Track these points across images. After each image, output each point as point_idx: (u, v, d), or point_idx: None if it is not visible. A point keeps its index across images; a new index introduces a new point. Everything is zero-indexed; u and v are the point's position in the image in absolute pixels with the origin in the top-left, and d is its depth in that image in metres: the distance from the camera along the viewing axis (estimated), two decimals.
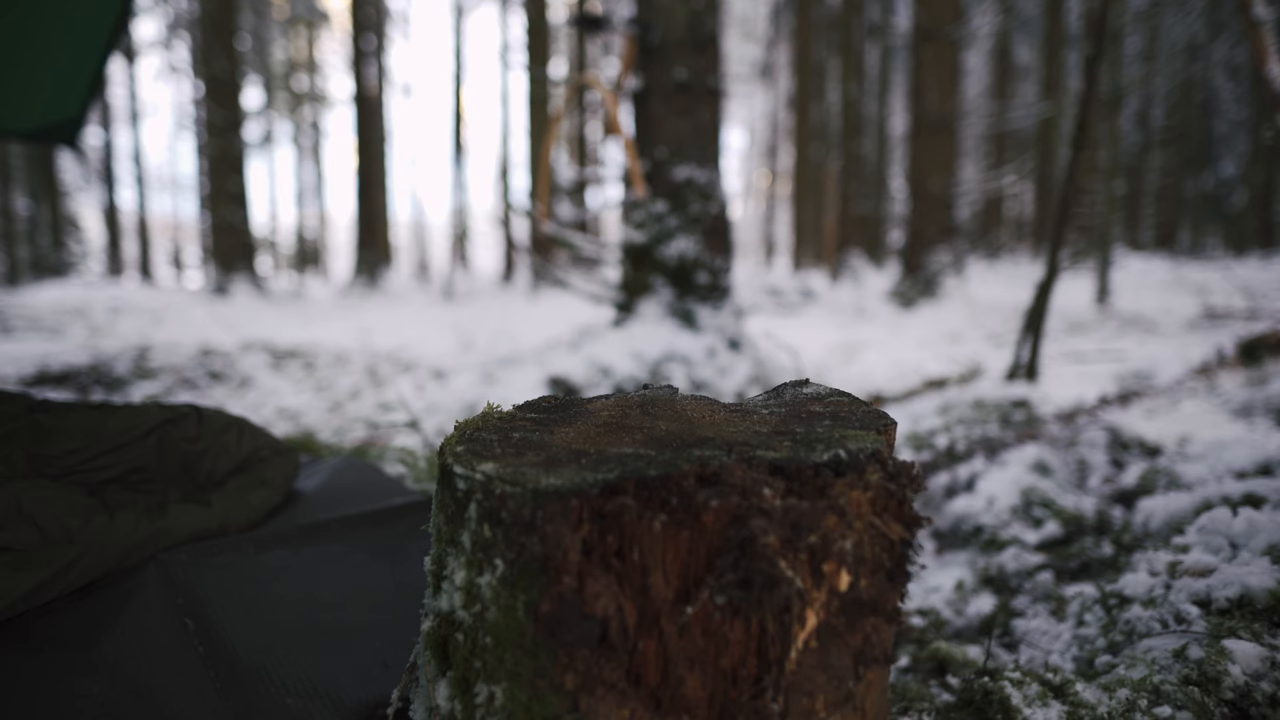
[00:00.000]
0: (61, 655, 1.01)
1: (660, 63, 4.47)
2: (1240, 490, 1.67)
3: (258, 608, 1.11)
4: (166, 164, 23.46)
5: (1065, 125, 14.42)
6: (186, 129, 18.64)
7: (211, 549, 1.19)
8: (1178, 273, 10.73)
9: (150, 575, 1.11)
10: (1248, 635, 1.10)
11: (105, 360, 4.68)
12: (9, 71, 2.12)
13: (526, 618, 0.58)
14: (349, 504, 1.41)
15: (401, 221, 20.71)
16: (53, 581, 1.06)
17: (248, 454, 1.38)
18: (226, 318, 7.17)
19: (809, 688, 0.60)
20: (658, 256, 4.38)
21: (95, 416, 1.25)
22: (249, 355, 5.00)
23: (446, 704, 0.65)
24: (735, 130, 27.87)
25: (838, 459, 0.60)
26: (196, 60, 13.10)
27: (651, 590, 0.57)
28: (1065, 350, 4.77)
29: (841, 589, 0.60)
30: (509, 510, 0.58)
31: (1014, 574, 1.71)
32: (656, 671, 0.58)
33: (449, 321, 7.06)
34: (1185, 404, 3.11)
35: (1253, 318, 5.92)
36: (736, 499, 0.56)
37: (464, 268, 18.61)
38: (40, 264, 13.66)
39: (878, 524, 0.61)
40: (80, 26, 2.07)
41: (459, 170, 18.87)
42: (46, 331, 6.08)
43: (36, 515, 1.08)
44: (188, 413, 1.34)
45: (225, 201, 11.44)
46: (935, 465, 2.51)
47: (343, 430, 3.01)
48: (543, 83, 14.95)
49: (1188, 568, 1.34)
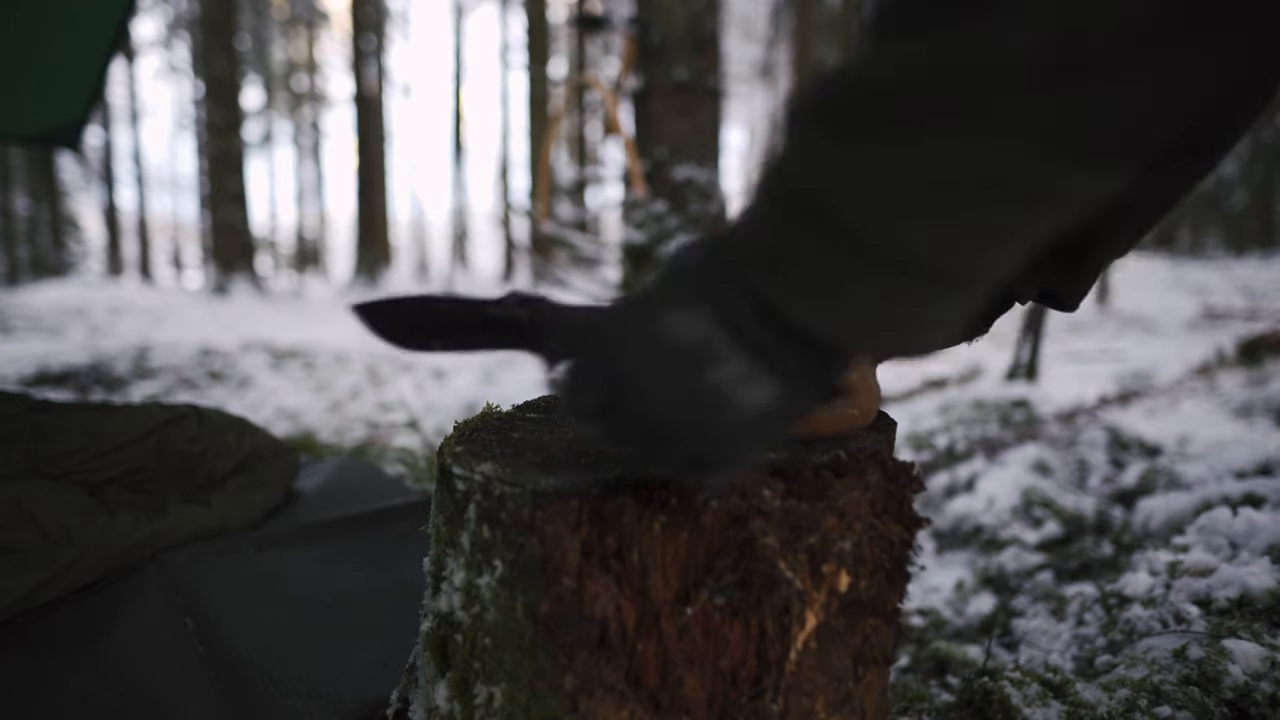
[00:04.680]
0: (61, 655, 1.01)
1: (660, 63, 4.47)
2: (1240, 490, 1.67)
3: (257, 608, 1.11)
4: (166, 164, 23.47)
5: None
6: (186, 129, 18.64)
7: (211, 549, 1.19)
8: (1178, 272, 10.73)
9: (150, 575, 1.11)
10: (1248, 635, 1.10)
11: (105, 360, 4.68)
12: (10, 75, 2.12)
13: (525, 619, 0.58)
14: (349, 504, 1.41)
15: (401, 221, 20.73)
16: (52, 581, 1.05)
17: (248, 454, 1.38)
18: (226, 318, 7.18)
19: (808, 688, 0.60)
20: (658, 256, 4.38)
21: (95, 417, 1.25)
22: (249, 355, 5.01)
23: (445, 705, 0.65)
24: (735, 130, 27.93)
25: (837, 460, 0.60)
26: (196, 60, 13.10)
27: (651, 591, 0.57)
28: (1065, 350, 4.77)
29: (841, 590, 0.60)
30: (508, 511, 0.58)
31: (1014, 574, 1.71)
32: (656, 673, 0.58)
33: None
34: (1185, 404, 3.11)
35: (1253, 318, 5.92)
36: (736, 500, 0.56)
37: (464, 268, 18.61)
38: (40, 264, 13.67)
39: (877, 525, 0.61)
40: (82, 29, 2.06)
41: (459, 170, 18.88)
42: (46, 331, 6.08)
43: (36, 515, 1.08)
44: (187, 413, 1.34)
45: (225, 201, 11.44)
46: (935, 465, 2.51)
47: (342, 430, 3.01)
48: (542, 82, 14.95)
49: (1188, 567, 1.34)
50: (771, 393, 0.44)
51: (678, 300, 0.45)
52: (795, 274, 0.41)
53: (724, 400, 0.44)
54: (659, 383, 0.45)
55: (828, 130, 0.40)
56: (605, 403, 0.48)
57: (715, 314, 0.44)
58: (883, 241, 0.39)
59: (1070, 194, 0.38)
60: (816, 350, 0.44)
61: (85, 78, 2.20)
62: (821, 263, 0.41)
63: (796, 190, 0.41)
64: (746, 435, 0.46)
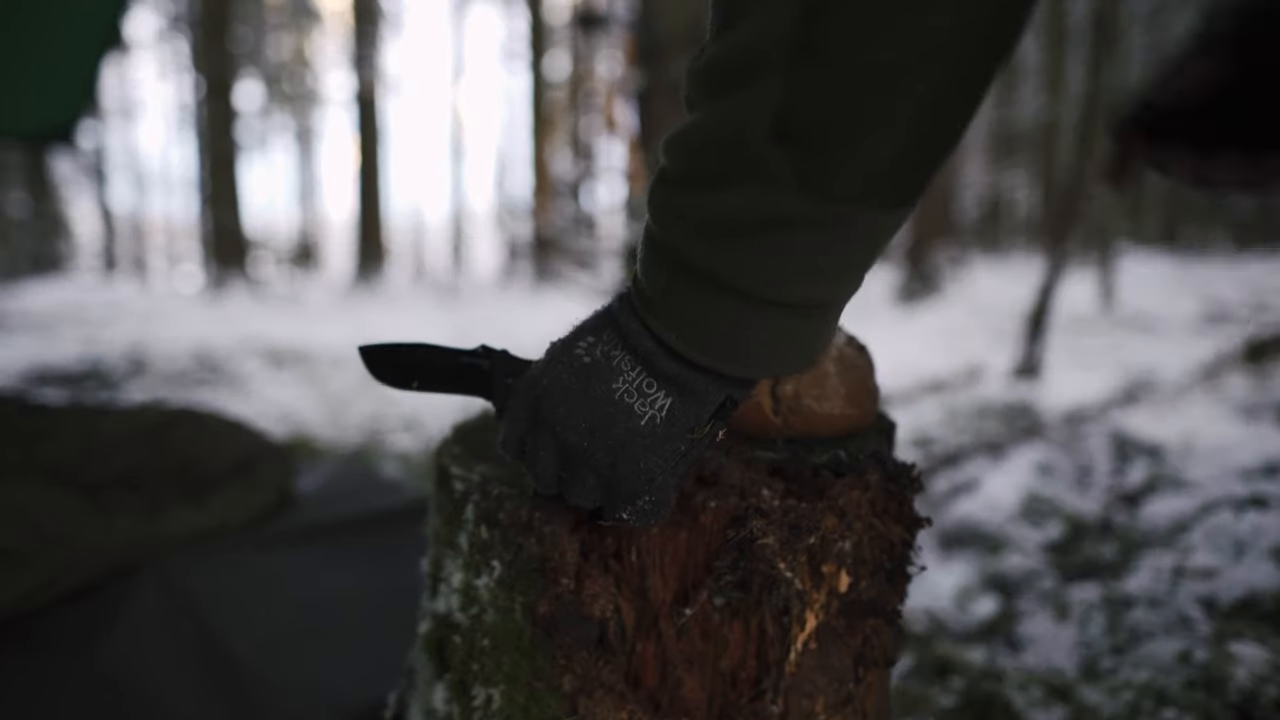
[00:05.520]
0: (60, 656, 1.01)
1: (661, 61, 4.47)
2: (1246, 492, 1.66)
3: (256, 609, 1.11)
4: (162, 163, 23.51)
5: (1067, 122, 14.41)
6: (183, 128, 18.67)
7: (209, 550, 1.18)
8: (1182, 271, 10.71)
9: (148, 577, 1.11)
10: (1253, 638, 1.09)
11: (101, 361, 4.68)
12: (9, 74, 2.12)
13: (524, 619, 0.57)
14: (347, 505, 1.41)
15: (400, 221, 20.75)
16: (50, 583, 1.05)
17: (245, 455, 1.38)
18: (223, 318, 7.17)
19: (809, 689, 0.59)
20: None
21: (92, 418, 1.25)
22: (246, 356, 5.01)
23: (444, 707, 0.64)
24: None
25: (837, 460, 0.60)
26: (194, 58, 13.11)
27: (650, 591, 0.56)
28: (1069, 349, 4.76)
29: (841, 590, 0.59)
30: (506, 511, 0.57)
31: (1017, 576, 1.71)
32: (655, 673, 0.58)
33: (448, 321, 7.06)
34: (1190, 405, 3.10)
35: (1258, 318, 5.91)
36: (735, 500, 0.56)
37: (463, 267, 18.63)
38: (35, 264, 13.68)
39: (877, 525, 0.60)
40: (78, 26, 2.06)
41: (458, 169, 18.90)
42: (42, 332, 6.08)
43: (33, 517, 1.07)
44: (185, 414, 1.34)
45: (222, 201, 11.43)
46: (937, 466, 2.50)
47: (341, 431, 3.01)
48: (542, 81, 14.95)
49: (1192, 570, 1.33)
50: (665, 404, 0.50)
51: (591, 329, 0.53)
52: (656, 304, 0.49)
53: (623, 410, 0.50)
54: (567, 394, 0.52)
55: (667, 182, 0.47)
56: (528, 428, 0.54)
57: (618, 339, 0.51)
58: (723, 275, 0.45)
59: (848, 228, 0.44)
60: (696, 368, 0.50)
61: (81, 74, 2.20)
62: (679, 293, 0.48)
63: (651, 232, 0.49)
64: (649, 448, 0.51)
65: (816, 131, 0.41)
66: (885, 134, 0.41)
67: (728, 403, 0.51)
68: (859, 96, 0.40)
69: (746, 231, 0.44)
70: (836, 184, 0.42)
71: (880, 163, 0.42)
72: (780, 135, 0.41)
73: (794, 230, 0.43)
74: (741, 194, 0.43)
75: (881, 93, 0.40)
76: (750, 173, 0.43)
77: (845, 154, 0.41)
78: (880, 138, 0.41)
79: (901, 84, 0.39)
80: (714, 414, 0.51)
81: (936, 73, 0.39)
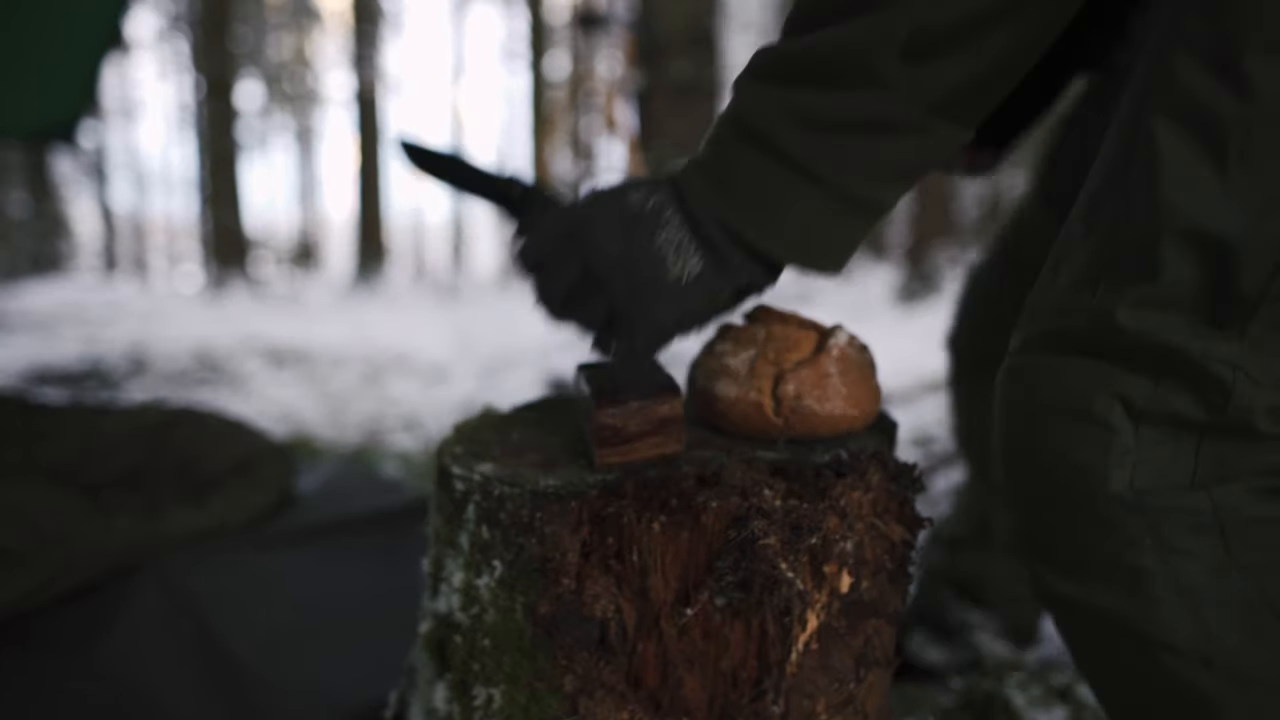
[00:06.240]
0: (60, 656, 1.01)
1: (661, 61, 4.47)
2: None
3: (256, 609, 1.11)
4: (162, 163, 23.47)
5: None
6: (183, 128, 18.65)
7: (210, 550, 1.18)
8: None
9: (148, 577, 1.11)
10: None
11: (101, 361, 4.67)
12: (9, 74, 2.12)
13: (525, 619, 0.57)
14: (348, 505, 1.41)
15: (400, 221, 20.74)
16: (50, 583, 1.05)
17: (245, 455, 1.38)
18: (223, 317, 7.17)
19: (810, 690, 0.59)
20: None
21: (92, 418, 1.25)
22: (246, 355, 5.00)
23: (444, 707, 0.64)
24: None
25: (838, 460, 0.60)
26: (194, 58, 13.09)
27: (651, 592, 0.57)
28: None
29: (843, 590, 0.59)
30: (507, 511, 0.57)
31: None
32: (656, 673, 0.58)
33: (448, 321, 7.05)
34: None
35: None
36: (736, 500, 0.56)
37: (463, 267, 18.63)
38: (35, 263, 13.66)
39: (879, 525, 0.60)
40: (79, 25, 2.06)
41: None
42: (43, 331, 6.08)
43: (33, 517, 1.07)
44: (185, 414, 1.34)
45: (222, 201, 11.42)
46: (937, 466, 2.50)
47: (341, 431, 3.01)
48: (542, 81, 14.95)
49: None
50: (697, 267, 0.55)
51: (646, 185, 0.57)
52: (725, 179, 0.55)
53: (657, 258, 0.55)
54: (610, 227, 0.56)
55: (769, 79, 0.54)
56: (556, 245, 0.57)
57: (675, 199, 0.56)
58: (800, 157, 0.52)
59: (936, 139, 0.53)
60: (739, 242, 0.55)
61: (82, 73, 2.20)
62: (747, 172, 0.54)
63: (740, 116, 0.55)
64: (667, 297, 0.56)
65: (932, 55, 0.50)
66: (975, 62, 0.51)
67: (750, 286, 0.58)
68: (967, 31, 0.50)
69: (847, 127, 0.52)
70: (935, 98, 0.52)
71: (965, 86, 0.52)
72: (906, 54, 0.50)
73: (887, 131, 0.52)
74: (853, 97, 0.51)
75: (980, 34, 0.50)
76: (868, 80, 0.51)
77: (949, 77, 0.51)
78: (972, 64, 0.51)
79: (992, 27, 0.50)
80: (732, 293, 0.57)
81: (1017, 22, 0.50)
